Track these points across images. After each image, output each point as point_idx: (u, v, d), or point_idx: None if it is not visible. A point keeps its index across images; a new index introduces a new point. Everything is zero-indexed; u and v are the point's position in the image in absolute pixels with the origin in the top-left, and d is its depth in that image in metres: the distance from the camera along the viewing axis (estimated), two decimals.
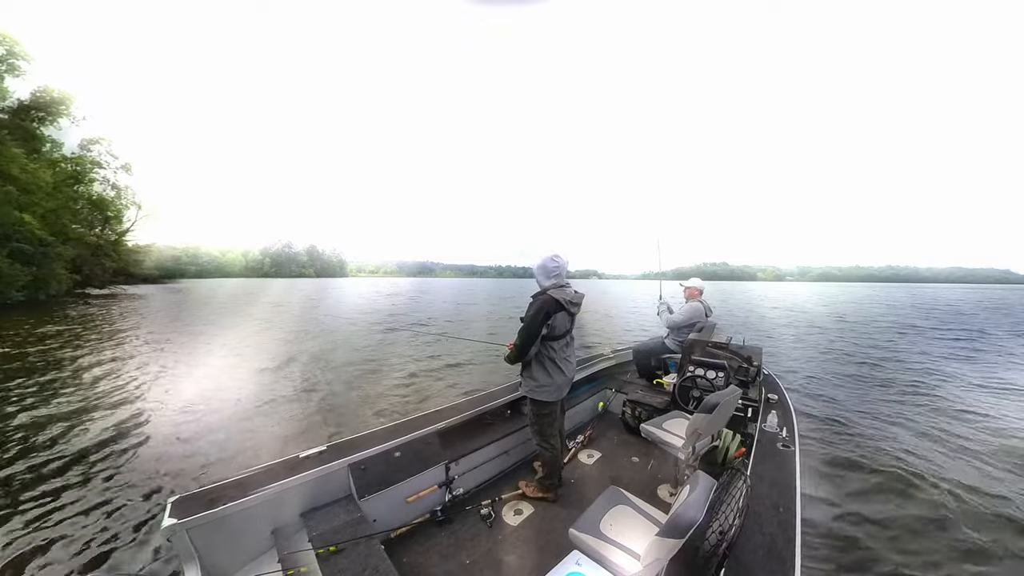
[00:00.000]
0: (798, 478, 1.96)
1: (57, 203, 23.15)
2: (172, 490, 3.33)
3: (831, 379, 7.37)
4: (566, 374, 2.34)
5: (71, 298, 22.13)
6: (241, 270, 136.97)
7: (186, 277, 76.46)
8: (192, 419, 4.92)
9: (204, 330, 12.28)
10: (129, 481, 3.49)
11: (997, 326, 16.37)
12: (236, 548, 1.72)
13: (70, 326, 11.94)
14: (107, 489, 3.34)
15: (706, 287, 4.29)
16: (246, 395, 5.91)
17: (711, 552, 1.19)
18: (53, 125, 25.88)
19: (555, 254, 2.27)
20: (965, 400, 6.07)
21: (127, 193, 34.32)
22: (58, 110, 25.79)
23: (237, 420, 4.94)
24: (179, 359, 8.21)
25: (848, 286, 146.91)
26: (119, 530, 2.82)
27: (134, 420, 4.87)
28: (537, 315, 2.17)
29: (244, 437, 4.48)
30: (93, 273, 28.79)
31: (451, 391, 6.33)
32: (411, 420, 2.48)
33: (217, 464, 3.84)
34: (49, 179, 22.28)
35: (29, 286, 18.87)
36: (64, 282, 22.17)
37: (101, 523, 2.90)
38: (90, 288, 28.56)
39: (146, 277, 45.47)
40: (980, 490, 3.42)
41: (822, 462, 3.91)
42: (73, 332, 10.90)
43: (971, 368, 8.39)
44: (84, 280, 27.61)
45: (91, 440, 4.27)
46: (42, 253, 19.81)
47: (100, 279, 29.94)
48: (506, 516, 2.33)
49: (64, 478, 3.50)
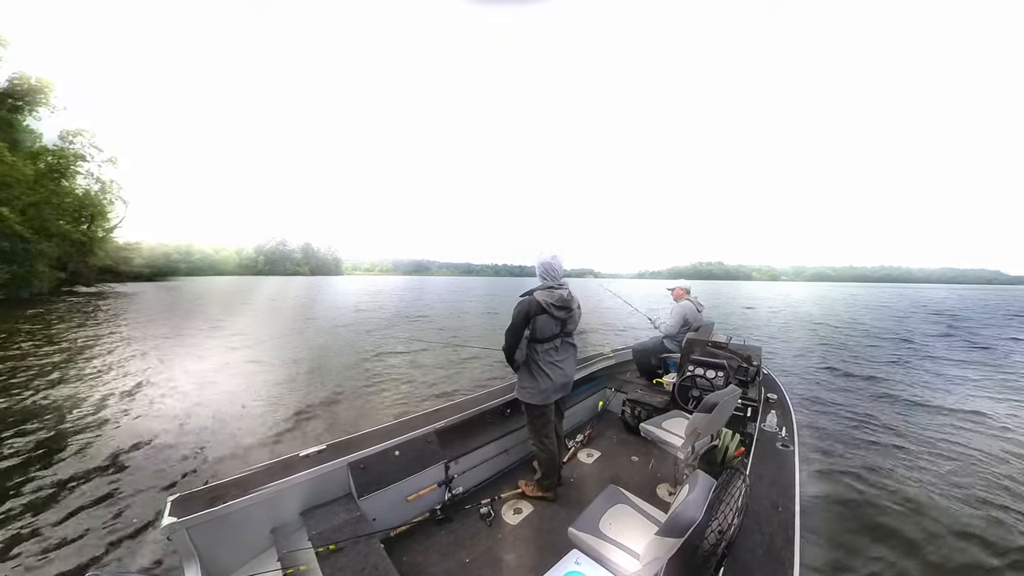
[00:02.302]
0: (797, 478, 1.98)
1: (39, 197, 22.34)
2: (171, 489, 3.35)
3: (830, 379, 7.44)
4: (553, 379, 2.28)
5: (55, 296, 21.71)
6: (235, 268, 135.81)
7: (178, 275, 75.36)
8: (189, 418, 4.91)
9: (179, 331, 12.14)
10: (127, 480, 3.49)
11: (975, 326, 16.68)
12: (236, 547, 1.73)
13: (42, 325, 11.77)
14: (106, 488, 3.34)
15: (699, 286, 4.35)
16: (236, 395, 5.89)
17: (710, 551, 1.20)
18: (32, 115, 25.00)
19: (551, 255, 2.24)
20: (964, 401, 6.15)
21: (113, 188, 32.85)
22: (36, 99, 24.82)
23: (234, 420, 4.94)
24: (165, 357, 8.16)
25: (841, 286, 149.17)
26: (118, 529, 2.83)
27: (131, 419, 4.86)
28: (517, 317, 2.16)
29: (242, 436, 4.48)
30: (79, 271, 28.23)
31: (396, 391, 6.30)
32: (411, 419, 2.50)
33: (216, 463, 3.84)
34: (30, 172, 21.56)
35: (9, 284, 18.45)
36: (47, 280, 21.71)
37: (100, 522, 2.90)
38: (77, 286, 28.02)
39: (137, 275, 44.69)
40: (979, 490, 3.47)
41: (821, 462, 3.96)
42: (57, 330, 10.79)
43: (970, 368, 8.52)
44: (70, 278, 27.06)
45: (88, 439, 4.26)
46: (23, 249, 19.36)
47: (87, 277, 29.37)
48: (505, 515, 2.34)
49: (63, 478, 3.50)
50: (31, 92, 24.68)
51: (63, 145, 28.11)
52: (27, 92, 24.54)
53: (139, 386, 6.20)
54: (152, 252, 62.94)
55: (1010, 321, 18.85)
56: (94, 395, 5.69)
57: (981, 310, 25.12)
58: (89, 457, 3.89)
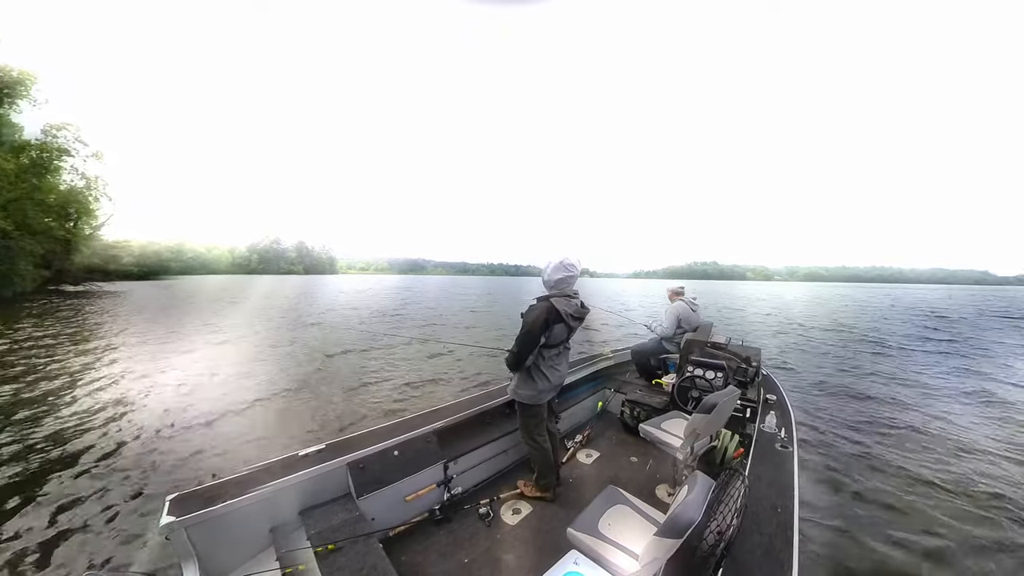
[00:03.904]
0: (796, 479, 2.00)
1: (20, 192, 21.69)
2: (170, 488, 3.34)
3: (829, 380, 7.48)
4: (551, 380, 2.31)
5: (40, 295, 21.28)
6: (227, 266, 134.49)
7: (170, 274, 74.29)
8: (186, 418, 4.91)
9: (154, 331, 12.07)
10: (125, 480, 3.49)
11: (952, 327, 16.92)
12: (234, 546, 1.74)
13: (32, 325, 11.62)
14: (104, 488, 3.35)
15: (695, 285, 4.39)
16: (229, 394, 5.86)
17: (709, 552, 1.21)
18: (12, 108, 24.23)
19: (570, 261, 2.14)
20: (962, 402, 6.23)
21: (98, 184, 31.50)
22: (16, 91, 23.94)
23: (232, 419, 4.94)
24: (160, 357, 8.11)
25: (833, 286, 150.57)
26: (117, 528, 2.84)
27: (128, 419, 4.85)
28: (536, 323, 2.08)
29: (241, 435, 4.49)
30: (65, 269, 27.66)
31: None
32: (410, 419, 2.51)
33: (215, 462, 3.84)
34: (11, 166, 20.97)
35: None
36: (31, 279, 21.20)
37: (99, 521, 2.91)
38: (64, 285, 27.46)
39: (126, 274, 43.85)
40: (978, 490, 3.51)
41: (820, 463, 3.99)
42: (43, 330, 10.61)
43: (968, 369, 8.63)
44: (55, 277, 26.50)
45: (86, 438, 4.25)
46: (4, 247, 18.87)
47: (73, 276, 28.79)
48: (504, 515, 2.36)
49: (61, 477, 3.49)
50: (12, 85, 23.95)
51: (46, 139, 27.43)
52: (7, 85, 23.80)
53: (127, 387, 6.15)
54: (143, 251, 61.97)
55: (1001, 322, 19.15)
56: (84, 394, 5.63)
57: (972, 312, 25.49)
58: (84, 455, 3.88)
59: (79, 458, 3.84)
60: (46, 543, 2.65)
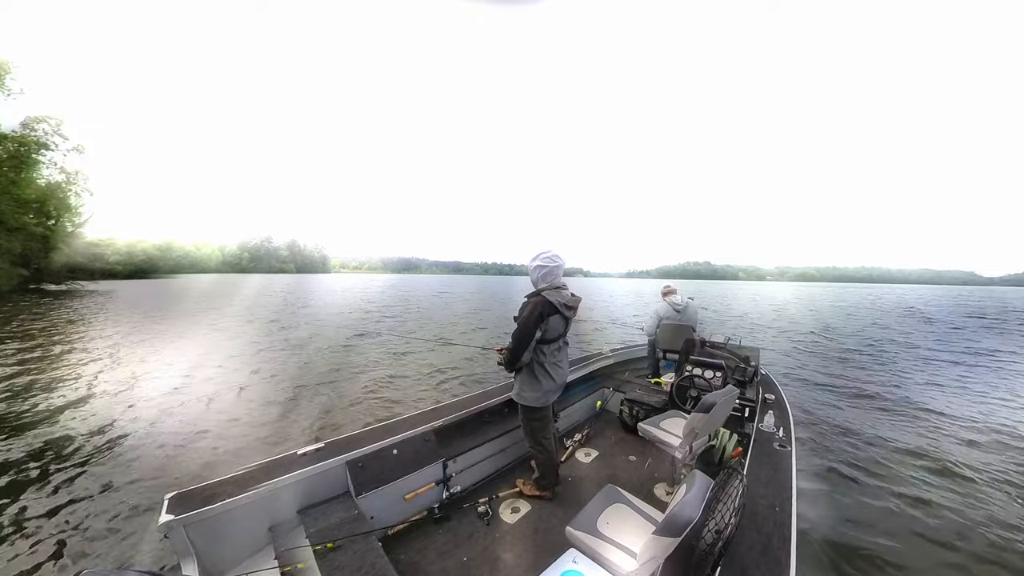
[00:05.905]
0: (794, 478, 2.02)
1: None
2: (169, 486, 3.29)
3: (828, 380, 7.54)
4: (556, 380, 2.31)
5: (19, 295, 20.71)
6: (217, 265, 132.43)
7: (158, 273, 72.77)
8: (185, 417, 4.90)
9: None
10: (124, 479, 3.49)
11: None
12: (233, 544, 1.75)
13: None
14: (103, 487, 3.35)
15: (687, 285, 4.49)
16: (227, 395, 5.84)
17: (707, 551, 1.23)
18: None
19: (552, 254, 2.22)
20: (963, 401, 6.30)
21: (78, 179, 29.95)
22: None
23: (230, 419, 4.94)
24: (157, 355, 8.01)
25: (824, 286, 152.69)
26: (116, 527, 2.84)
27: (125, 418, 4.83)
28: (530, 317, 2.11)
29: (241, 435, 4.49)
30: (45, 268, 26.89)
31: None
32: (409, 418, 2.53)
33: (214, 461, 3.84)
34: None
35: None
36: (8, 278, 20.51)
37: (97, 520, 2.90)
38: (45, 284, 26.72)
39: (112, 272, 42.74)
40: (977, 489, 3.56)
41: (818, 463, 4.04)
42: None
43: (964, 370, 8.72)
44: (34, 276, 25.75)
45: (83, 438, 4.24)
46: None
47: (54, 275, 28.01)
48: (503, 514, 2.38)
49: (60, 476, 3.49)
50: None
51: (24, 132, 26.39)
52: None
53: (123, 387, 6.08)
54: (130, 249, 60.51)
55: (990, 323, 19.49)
56: (80, 394, 5.56)
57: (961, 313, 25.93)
58: (82, 455, 3.87)
59: (78, 458, 3.82)
60: (46, 543, 2.64)
